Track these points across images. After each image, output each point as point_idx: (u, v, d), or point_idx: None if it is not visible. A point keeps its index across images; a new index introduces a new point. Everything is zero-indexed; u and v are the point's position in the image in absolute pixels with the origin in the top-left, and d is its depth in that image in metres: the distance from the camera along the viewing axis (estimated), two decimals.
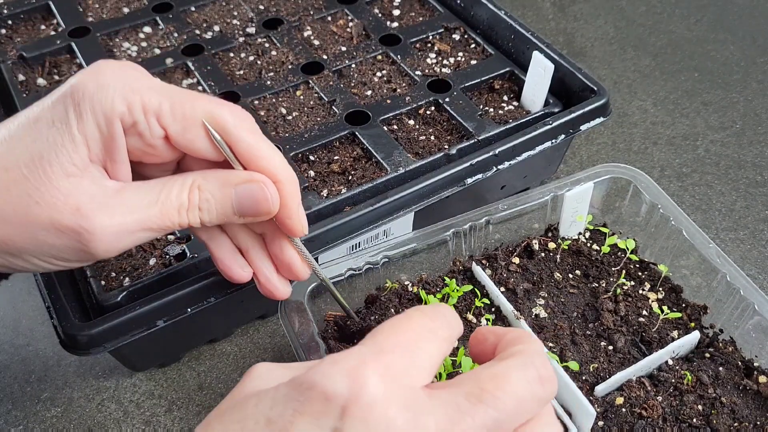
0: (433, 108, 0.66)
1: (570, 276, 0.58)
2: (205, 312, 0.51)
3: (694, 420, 0.48)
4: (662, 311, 0.54)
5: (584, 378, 0.50)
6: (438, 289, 0.56)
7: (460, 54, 0.72)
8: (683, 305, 0.56)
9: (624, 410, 0.48)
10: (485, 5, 0.74)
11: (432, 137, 0.64)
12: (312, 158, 0.62)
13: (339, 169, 0.61)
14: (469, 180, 0.59)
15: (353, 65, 0.71)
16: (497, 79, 0.69)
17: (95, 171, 0.39)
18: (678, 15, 0.94)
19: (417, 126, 0.65)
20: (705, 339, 0.53)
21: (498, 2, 0.74)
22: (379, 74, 0.70)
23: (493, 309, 0.55)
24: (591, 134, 0.77)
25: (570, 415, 0.46)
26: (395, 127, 0.65)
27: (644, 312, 0.55)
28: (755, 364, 0.51)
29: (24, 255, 0.39)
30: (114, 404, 0.55)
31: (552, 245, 0.59)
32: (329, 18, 0.77)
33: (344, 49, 0.72)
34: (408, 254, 0.56)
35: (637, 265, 0.59)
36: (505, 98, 0.68)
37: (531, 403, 0.31)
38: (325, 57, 0.71)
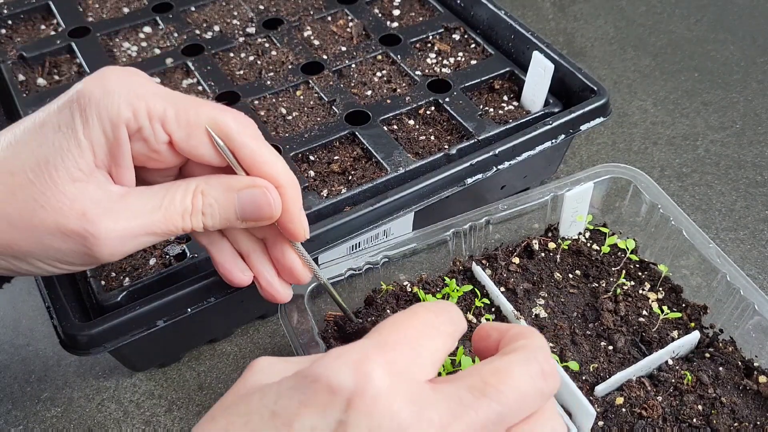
0: (433, 108, 0.66)
1: (570, 276, 0.58)
2: (205, 312, 0.51)
3: (694, 420, 0.48)
4: (662, 311, 0.54)
5: (584, 378, 0.50)
6: (438, 289, 0.56)
7: (460, 54, 0.72)
8: (683, 305, 0.56)
9: (624, 410, 0.48)
10: (485, 5, 0.74)
11: (432, 137, 0.64)
12: (312, 158, 0.62)
13: (339, 169, 0.61)
14: (469, 180, 0.59)
15: (353, 65, 0.71)
16: (497, 79, 0.69)
17: (100, 176, 0.39)
18: (678, 15, 0.94)
19: (417, 126, 0.65)
20: (705, 339, 0.53)
21: (498, 2, 0.74)
22: (379, 74, 0.70)
23: (493, 309, 0.55)
24: (591, 134, 0.77)
25: (570, 415, 0.46)
26: (395, 127, 0.65)
27: (644, 312, 0.55)
28: (755, 364, 0.51)
29: (29, 259, 0.39)
30: (114, 404, 0.55)
31: (552, 245, 0.59)
32: (329, 18, 0.77)
33: (344, 49, 0.72)
34: (408, 254, 0.56)
35: (637, 265, 0.59)
36: (505, 98, 0.68)
37: (534, 398, 0.31)
38: (325, 57, 0.71)
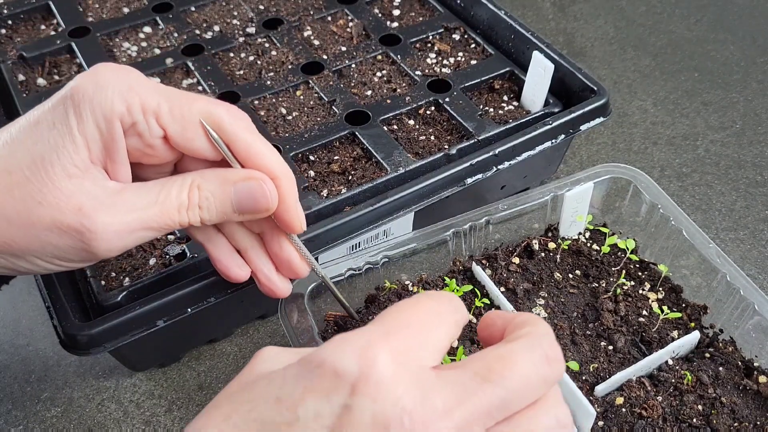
0: (433, 108, 0.66)
1: (570, 276, 0.58)
2: (205, 312, 0.51)
3: (694, 420, 0.48)
4: (662, 311, 0.54)
5: (584, 378, 0.50)
6: (438, 289, 0.56)
7: (460, 54, 0.72)
8: (683, 305, 0.56)
9: (624, 410, 0.48)
10: (485, 5, 0.74)
11: (432, 137, 0.64)
12: (312, 158, 0.62)
13: (339, 169, 0.61)
14: (469, 180, 0.59)
15: (353, 65, 0.71)
16: (497, 79, 0.69)
17: (96, 172, 0.39)
18: (678, 15, 0.94)
19: (417, 126, 0.65)
20: (705, 339, 0.53)
21: (498, 2, 0.74)
22: (379, 74, 0.70)
23: (493, 309, 0.55)
24: (591, 134, 0.77)
25: None
26: (395, 127, 0.65)
27: (644, 312, 0.55)
28: (755, 364, 0.51)
29: (27, 256, 0.39)
30: (114, 404, 0.55)
31: (552, 245, 0.59)
32: (329, 18, 0.77)
33: (344, 49, 0.72)
34: (408, 254, 0.56)
35: (637, 265, 0.59)
36: (505, 98, 0.68)
37: (538, 384, 0.31)
38: (325, 57, 0.71)
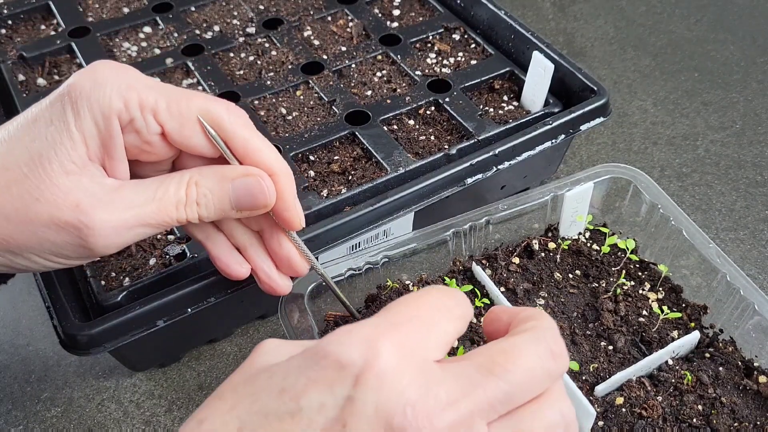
0: (433, 108, 0.66)
1: (570, 276, 0.58)
2: (205, 312, 0.51)
3: (694, 420, 0.48)
4: (662, 311, 0.54)
5: (584, 378, 0.50)
6: None
7: (460, 54, 0.72)
8: (683, 305, 0.56)
9: (624, 410, 0.48)
10: (485, 5, 0.74)
11: (432, 137, 0.64)
12: (312, 158, 0.62)
13: (339, 169, 0.61)
14: (469, 180, 0.59)
15: (353, 65, 0.71)
16: (497, 79, 0.69)
17: (94, 169, 0.39)
18: (678, 15, 0.94)
19: (417, 126, 0.65)
20: (705, 339, 0.53)
21: (498, 2, 0.74)
22: (379, 74, 0.70)
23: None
24: (591, 134, 0.77)
25: None
26: (395, 127, 0.65)
27: (644, 312, 0.55)
28: (755, 364, 0.51)
29: (25, 253, 0.39)
30: (114, 404, 0.55)
31: (552, 245, 0.59)
32: (329, 18, 0.77)
33: (344, 49, 0.72)
34: (408, 254, 0.56)
35: (637, 265, 0.59)
36: (505, 98, 0.68)
37: (542, 378, 0.31)
38: (325, 57, 0.71)
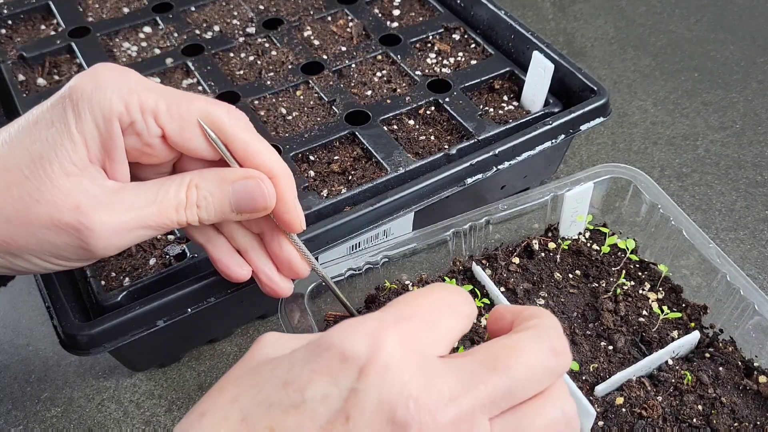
0: (433, 108, 0.66)
1: (570, 276, 0.58)
2: (205, 312, 0.51)
3: (694, 420, 0.48)
4: (662, 311, 0.54)
5: (584, 378, 0.50)
6: None
7: (460, 54, 0.72)
8: (683, 305, 0.56)
9: (624, 410, 0.48)
10: (485, 5, 0.74)
11: (432, 137, 0.64)
12: (312, 158, 0.62)
13: (339, 169, 0.61)
14: (469, 180, 0.59)
15: (353, 65, 0.71)
16: (497, 79, 0.69)
17: (94, 171, 0.39)
18: (678, 15, 0.94)
19: (417, 126, 0.65)
20: (705, 339, 0.53)
21: (498, 2, 0.74)
22: (379, 74, 0.70)
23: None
24: (591, 134, 0.77)
25: None
26: (395, 127, 0.65)
27: (644, 312, 0.55)
28: (755, 364, 0.51)
29: (25, 255, 0.39)
30: (114, 404, 0.55)
31: (552, 245, 0.59)
32: (329, 18, 0.77)
33: (344, 49, 0.72)
34: (408, 254, 0.56)
35: (637, 265, 0.59)
36: (505, 98, 0.68)
37: (544, 375, 0.31)
38: (325, 57, 0.71)
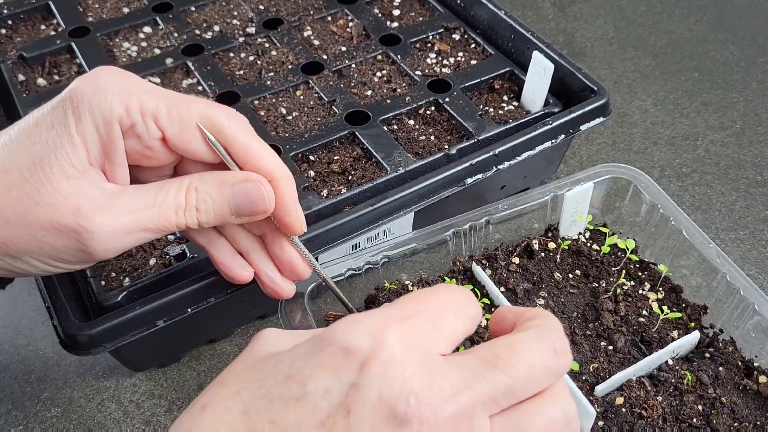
0: (433, 108, 0.66)
1: (570, 276, 0.58)
2: (205, 312, 0.51)
3: (694, 420, 0.48)
4: (662, 311, 0.54)
5: (584, 378, 0.50)
6: None
7: (460, 54, 0.72)
8: (683, 305, 0.56)
9: (624, 410, 0.48)
10: (485, 5, 0.74)
11: (432, 137, 0.64)
12: (312, 158, 0.62)
13: (339, 169, 0.61)
14: (469, 180, 0.59)
15: (353, 65, 0.71)
16: (497, 79, 0.69)
17: (94, 174, 0.39)
18: (678, 15, 0.94)
19: (417, 126, 0.65)
20: (705, 339, 0.53)
21: (498, 2, 0.74)
22: (379, 74, 0.70)
23: (493, 309, 0.55)
24: (591, 134, 0.77)
25: None
26: (395, 127, 0.65)
27: (644, 312, 0.55)
28: (755, 364, 0.51)
29: (24, 257, 0.39)
30: (114, 404, 0.55)
31: (552, 245, 0.59)
32: (329, 18, 0.77)
33: (344, 49, 0.72)
34: (408, 254, 0.56)
35: (637, 265, 0.59)
36: (505, 98, 0.68)
37: (544, 374, 0.31)
38: (325, 57, 0.71)
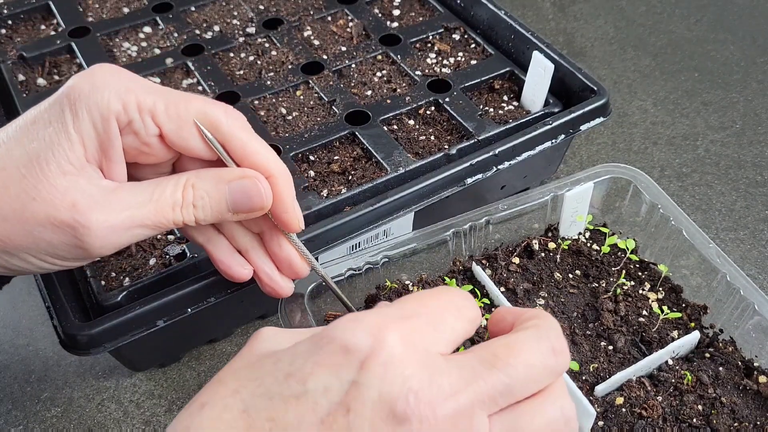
0: (433, 108, 0.66)
1: (570, 276, 0.58)
2: (205, 312, 0.51)
3: (694, 420, 0.48)
4: (662, 311, 0.54)
5: (584, 378, 0.50)
6: None
7: (460, 54, 0.72)
8: (683, 305, 0.56)
9: (624, 410, 0.48)
10: (485, 5, 0.74)
11: (432, 137, 0.64)
12: (312, 158, 0.62)
13: (339, 169, 0.61)
14: (469, 180, 0.59)
15: (353, 65, 0.71)
16: (497, 79, 0.69)
17: (91, 170, 0.39)
18: (678, 15, 0.94)
19: (417, 126, 0.65)
20: (705, 339, 0.53)
21: (498, 2, 0.74)
22: (379, 74, 0.70)
23: (494, 309, 0.55)
24: (591, 134, 0.77)
25: None
26: (395, 127, 0.65)
27: (644, 312, 0.55)
28: (755, 364, 0.51)
29: (21, 253, 0.39)
30: (114, 404, 0.55)
31: (552, 245, 0.59)
32: (329, 18, 0.77)
33: (344, 49, 0.72)
34: (408, 254, 0.56)
35: (637, 265, 0.59)
36: (505, 98, 0.68)
37: (542, 373, 0.31)
38: (325, 57, 0.71)
